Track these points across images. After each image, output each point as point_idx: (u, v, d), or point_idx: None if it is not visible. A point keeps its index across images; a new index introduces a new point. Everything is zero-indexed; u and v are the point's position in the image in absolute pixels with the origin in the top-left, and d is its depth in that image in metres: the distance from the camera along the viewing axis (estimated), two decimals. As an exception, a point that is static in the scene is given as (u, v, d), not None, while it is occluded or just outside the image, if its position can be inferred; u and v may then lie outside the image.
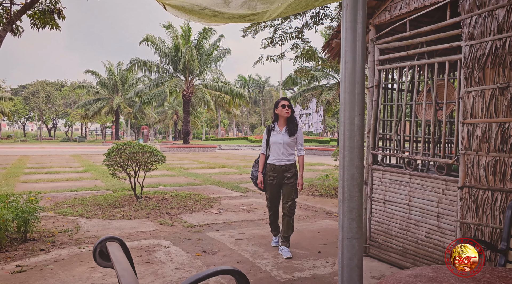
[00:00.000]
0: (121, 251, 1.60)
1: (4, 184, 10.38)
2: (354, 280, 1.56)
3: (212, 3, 2.51)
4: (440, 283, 1.80)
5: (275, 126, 4.67)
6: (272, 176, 4.56)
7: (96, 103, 41.94)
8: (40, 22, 6.74)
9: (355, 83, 1.60)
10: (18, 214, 4.85)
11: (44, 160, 18.64)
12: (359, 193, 1.59)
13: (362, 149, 1.61)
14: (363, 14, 1.63)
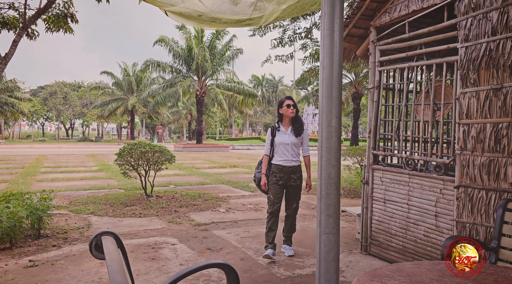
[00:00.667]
0: (114, 244, 1.73)
1: (21, 182, 10.71)
2: (331, 273, 1.66)
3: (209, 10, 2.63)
4: (418, 277, 1.88)
5: (279, 126, 4.52)
6: (279, 176, 4.41)
7: (111, 104, 42.64)
8: (54, 26, 6.97)
9: (332, 87, 1.70)
10: (32, 211, 5.06)
11: (60, 160, 19.08)
12: (336, 191, 1.69)
13: (339, 150, 1.71)
14: (340, 22, 1.73)
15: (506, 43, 3.08)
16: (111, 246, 1.66)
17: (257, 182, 4.64)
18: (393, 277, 1.86)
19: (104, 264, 4.23)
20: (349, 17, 4.61)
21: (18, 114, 44.83)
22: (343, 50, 1.76)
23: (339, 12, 1.72)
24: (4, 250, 4.67)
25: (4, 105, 43.44)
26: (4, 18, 6.35)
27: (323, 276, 1.67)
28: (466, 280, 1.82)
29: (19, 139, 56.34)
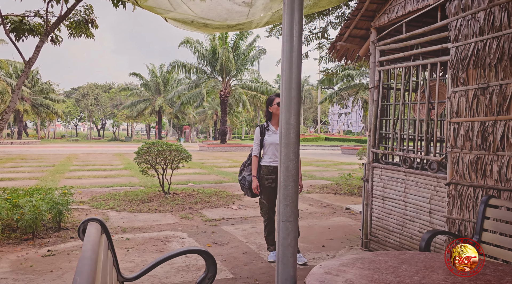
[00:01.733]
0: (97, 229, 1.95)
1: (50, 179, 11.29)
2: (287, 257, 1.83)
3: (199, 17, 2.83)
4: (377, 264, 2.02)
5: (269, 126, 4.30)
6: (271, 178, 4.22)
7: (139, 104, 43.79)
8: (76, 32, 7.36)
9: (291, 89, 1.86)
10: (53, 205, 5.42)
11: (89, 158, 19.84)
12: (293, 182, 1.85)
13: (297, 145, 1.87)
14: (298, 29, 1.89)
15: (492, 43, 3.14)
16: (92, 230, 1.88)
17: (247, 185, 4.34)
18: (353, 264, 2.01)
19: (115, 254, 4.52)
20: (349, 19, 4.72)
21: (52, 115, 46.66)
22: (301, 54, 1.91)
23: (297, 20, 1.88)
24: (26, 241, 5.04)
25: (40, 106, 45.32)
26: (30, 25, 6.77)
27: (281, 260, 1.84)
28: (421, 268, 1.94)
29: (53, 139, 58.61)
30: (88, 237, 1.76)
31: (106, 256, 1.94)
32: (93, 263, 1.48)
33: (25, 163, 17.20)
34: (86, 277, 1.28)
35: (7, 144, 38.40)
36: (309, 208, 7.36)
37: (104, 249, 1.91)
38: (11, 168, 14.82)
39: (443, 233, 2.88)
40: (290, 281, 1.82)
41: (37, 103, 45.11)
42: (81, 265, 1.39)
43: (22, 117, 46.70)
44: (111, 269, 1.90)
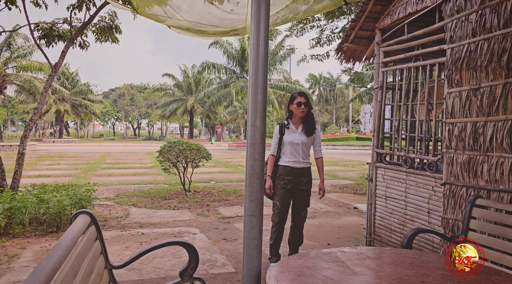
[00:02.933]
0: (86, 221, 2.17)
1: (82, 176, 11.89)
2: (251, 248, 1.98)
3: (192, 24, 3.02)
4: (344, 256, 2.14)
5: (289, 124, 4.05)
6: (287, 179, 3.95)
7: (172, 104, 44.85)
8: (102, 37, 7.77)
9: (257, 93, 2.02)
10: (76, 201, 5.79)
11: (121, 157, 20.61)
12: (258, 180, 2.00)
13: (261, 146, 2.02)
14: (265, 38, 2.04)
15: (484, 44, 3.16)
16: (80, 221, 2.10)
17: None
18: (319, 257, 2.14)
19: (129, 247, 4.81)
20: (354, 20, 4.79)
21: (90, 115, 48.56)
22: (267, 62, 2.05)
23: (263, 30, 2.03)
24: (51, 233, 5.42)
25: (79, 106, 47.27)
26: (59, 31, 7.22)
27: (246, 251, 2.00)
28: (382, 261, 2.05)
29: (92, 138, 61.00)
30: (72, 227, 1.98)
31: (92, 245, 2.17)
32: (67, 249, 1.69)
33: (62, 160, 18.10)
34: (54, 261, 1.49)
35: (49, 142, 40.34)
36: (324, 207, 7.44)
37: (90, 239, 2.13)
38: (49, 165, 15.66)
39: (426, 231, 2.94)
40: (254, 270, 1.98)
41: (76, 103, 47.06)
42: (54, 250, 1.60)
43: (63, 117, 48.86)
44: (96, 257, 2.11)
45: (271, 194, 4.01)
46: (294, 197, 4.04)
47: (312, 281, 1.81)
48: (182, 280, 2.45)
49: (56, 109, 44.93)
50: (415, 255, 2.22)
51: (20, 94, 31.86)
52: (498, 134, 3.01)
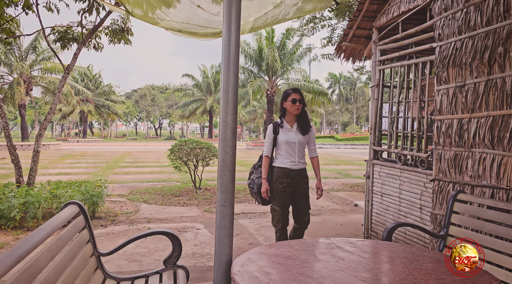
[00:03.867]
0: (73, 211, 2.34)
1: (100, 174, 12.26)
2: (222, 236, 2.12)
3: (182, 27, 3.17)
4: (309, 247, 2.25)
5: (283, 122, 3.78)
6: (286, 182, 3.68)
7: (192, 104, 45.42)
8: (115, 39, 8.04)
9: (228, 91, 2.15)
10: (87, 196, 6.05)
11: (140, 156, 21.07)
12: (228, 173, 2.13)
13: (232, 140, 2.14)
14: (236, 39, 2.16)
15: (468, 42, 3.20)
16: (67, 211, 2.28)
17: (256, 189, 3.79)
18: (291, 246, 2.25)
19: (151, 241, 5.01)
20: (351, 20, 4.86)
21: (113, 115, 49.68)
22: (238, 62, 2.18)
23: (234, 31, 2.16)
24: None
25: (101, 107, 48.43)
26: (73, 34, 7.52)
27: (217, 239, 2.13)
28: (346, 253, 2.15)
29: (115, 138, 62.31)
30: (57, 215, 2.16)
31: (79, 233, 2.34)
32: (46, 234, 1.87)
33: (83, 159, 18.65)
34: (30, 243, 1.67)
35: (74, 142, 41.46)
36: (331, 205, 7.50)
37: (77, 227, 2.31)
38: (70, 164, 16.19)
39: (405, 225, 3.00)
40: (224, 257, 2.11)
41: (99, 104, 48.21)
42: (33, 234, 1.78)
43: (86, 118, 50.13)
44: (81, 244, 2.28)
45: (267, 198, 3.72)
46: (294, 201, 3.77)
47: (276, 266, 1.92)
48: (166, 268, 2.61)
49: (80, 110, 46.16)
50: (387, 246, 2.31)
51: (45, 95, 32.91)
52: (480, 130, 3.05)
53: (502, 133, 2.85)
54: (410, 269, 1.88)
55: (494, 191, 2.91)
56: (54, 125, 71.86)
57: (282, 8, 3.45)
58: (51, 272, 1.74)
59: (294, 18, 3.61)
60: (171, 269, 2.59)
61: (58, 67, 28.06)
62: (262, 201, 3.80)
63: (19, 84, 27.05)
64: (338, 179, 11.65)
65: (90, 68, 50.49)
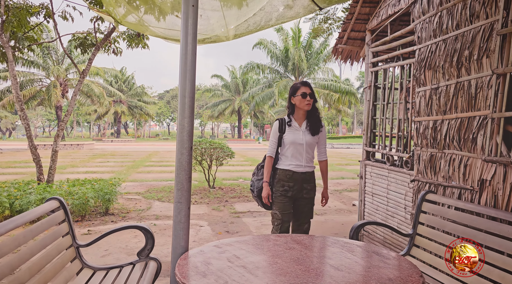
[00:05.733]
0: (51, 206, 2.60)
1: (124, 173, 12.78)
2: (178, 230, 2.31)
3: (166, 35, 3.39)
4: (259, 244, 2.41)
5: (291, 120, 3.39)
6: (288, 186, 3.32)
7: (220, 105, 46.09)
8: (132, 43, 8.42)
9: (185, 97, 2.34)
10: (101, 193, 6.42)
11: (166, 155, 21.65)
12: (184, 171, 2.32)
13: (188, 142, 2.33)
14: (192, 48, 2.35)
15: (441, 45, 3.25)
16: (45, 206, 2.54)
17: (256, 193, 3.49)
18: (238, 242, 2.42)
19: (137, 236, 5.30)
20: (344, 23, 4.94)
21: (145, 116, 51.07)
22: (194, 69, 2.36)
23: (191, 41, 2.34)
24: (76, 222, 6.06)
25: (134, 108, 49.89)
26: (92, 41, 7.94)
27: (174, 233, 2.33)
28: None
29: (148, 138, 63.98)
30: (35, 209, 2.42)
31: (56, 226, 2.60)
32: (15, 225, 2.11)
33: (112, 158, 19.40)
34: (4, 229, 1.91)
35: (108, 142, 42.97)
36: (338, 205, 7.56)
37: (55, 220, 2.56)
38: (99, 163, 16.89)
39: (372, 223, 3.09)
40: (179, 250, 2.30)
41: (132, 105, 49.69)
42: (3, 224, 2.03)
43: (120, 118, 51.79)
44: (57, 235, 2.53)
45: (269, 204, 3.37)
46: (295, 207, 3.39)
47: (221, 258, 2.10)
48: (139, 259, 2.83)
49: (114, 111, 47.77)
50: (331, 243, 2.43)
51: (80, 97, 34.30)
52: (450, 132, 3.10)
53: (467, 135, 2.90)
54: (329, 263, 2.01)
55: (461, 191, 2.95)
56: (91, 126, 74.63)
57: (263, 15, 3.60)
58: (15, 258, 1.98)
59: (278, 24, 3.76)
60: (144, 260, 2.81)
61: (91, 70, 29.20)
62: (263, 205, 3.47)
63: (55, 87, 28.38)
64: (356, 179, 11.61)
65: (124, 71, 52.07)
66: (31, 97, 29.11)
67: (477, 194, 2.77)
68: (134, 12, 3.07)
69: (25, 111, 6.45)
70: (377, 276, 1.87)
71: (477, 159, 2.79)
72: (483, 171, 2.72)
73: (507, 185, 2.48)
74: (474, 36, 2.85)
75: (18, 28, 6.47)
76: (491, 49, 2.67)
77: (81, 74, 6.62)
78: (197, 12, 2.38)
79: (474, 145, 2.82)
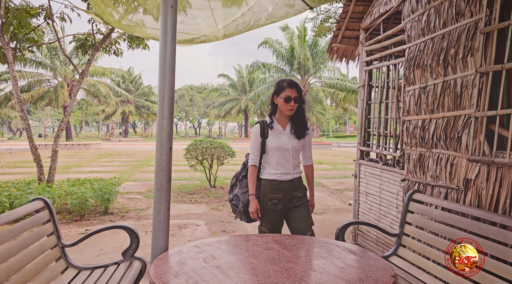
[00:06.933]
0: (35, 206, 2.62)
1: (128, 173, 12.87)
2: (157, 230, 2.32)
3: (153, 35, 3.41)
4: (236, 244, 2.41)
5: (273, 122, 3.00)
6: (276, 199, 2.93)
7: (227, 104, 46.13)
8: (133, 44, 8.47)
9: (163, 98, 2.35)
10: (100, 193, 6.47)
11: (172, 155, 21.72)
12: (163, 172, 2.33)
13: (167, 142, 2.34)
14: (171, 49, 2.36)
15: (429, 44, 3.22)
16: (28, 206, 2.57)
17: (241, 208, 3.06)
18: (219, 242, 2.43)
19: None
20: (339, 21, 4.92)
21: (152, 115, 51.34)
22: (174, 70, 2.37)
23: (170, 42, 2.35)
24: (75, 221, 6.12)
25: (141, 108, 50.17)
26: (92, 42, 8.00)
27: (153, 233, 2.34)
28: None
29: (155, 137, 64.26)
30: (19, 208, 2.44)
31: (42, 225, 2.63)
32: (5, 221, 2.14)
33: (118, 158, 19.53)
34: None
35: (116, 141, 43.28)
36: (338, 205, 7.53)
37: (38, 220, 2.59)
38: (105, 162, 17.02)
39: (358, 223, 3.07)
40: (159, 250, 2.32)
41: (139, 105, 49.98)
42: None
43: (127, 118, 52.12)
44: (40, 235, 2.56)
45: (258, 219, 2.99)
46: (289, 218, 3.01)
47: (197, 258, 2.10)
48: (124, 259, 2.85)
49: (121, 111, 48.08)
50: (313, 242, 2.43)
51: (88, 97, 34.60)
52: (437, 131, 3.07)
53: (452, 134, 2.87)
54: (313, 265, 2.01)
55: (448, 190, 2.93)
56: (100, 125, 75.21)
57: (252, 15, 3.60)
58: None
59: (267, 24, 3.75)
60: (128, 260, 2.83)
61: (98, 71, 29.44)
62: (248, 220, 3.10)
63: (62, 87, 28.65)
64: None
65: (131, 71, 52.37)
66: (39, 98, 29.41)
67: (463, 194, 2.75)
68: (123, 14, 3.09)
69: (25, 112, 6.52)
70: (349, 276, 1.87)
71: (462, 158, 2.76)
72: (468, 170, 2.70)
73: (490, 184, 2.46)
74: (459, 34, 2.83)
75: (18, 29, 6.54)
76: (475, 48, 2.64)
77: (80, 75, 6.67)
78: (176, 13, 2.39)
79: (459, 144, 2.79)
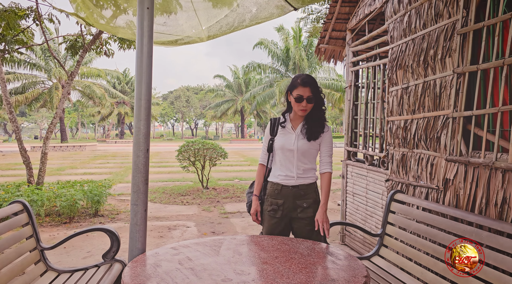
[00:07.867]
0: (12, 209, 2.61)
1: (121, 174, 12.84)
2: (134, 233, 2.32)
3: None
4: (218, 244, 2.41)
5: (285, 121, 2.74)
6: (276, 204, 2.67)
7: (223, 105, 46.14)
8: (124, 45, 8.45)
9: (140, 100, 2.34)
10: (90, 195, 6.45)
11: (167, 156, 21.71)
12: (140, 174, 2.33)
13: (144, 144, 2.34)
14: (148, 51, 2.36)
15: (411, 44, 3.23)
16: (6, 209, 2.55)
17: (247, 208, 2.92)
18: (197, 244, 2.42)
19: (123, 237, 5.32)
20: (325, 22, 4.93)
21: (148, 116, 51.23)
22: (151, 73, 2.37)
23: (146, 43, 2.35)
24: (65, 224, 6.10)
25: (137, 109, 50.10)
26: (82, 43, 7.99)
27: (130, 235, 2.34)
28: (247, 249, 2.29)
29: (152, 139, 64.19)
30: (-4, 211, 2.43)
31: (21, 228, 2.61)
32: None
33: (112, 159, 19.49)
34: None
35: (111, 143, 43.20)
36: (329, 205, 7.54)
37: (16, 223, 2.58)
38: (99, 164, 16.98)
39: (340, 224, 3.08)
40: (136, 252, 2.32)
41: (135, 106, 49.91)
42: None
43: (123, 119, 52.01)
44: (18, 238, 2.55)
45: (259, 223, 2.79)
46: (293, 231, 2.73)
47: (172, 260, 2.10)
48: (104, 262, 2.85)
49: (117, 112, 47.99)
50: (291, 243, 2.43)
51: (83, 99, 34.50)
52: (419, 131, 3.08)
53: (432, 134, 2.88)
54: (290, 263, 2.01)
55: (429, 190, 2.94)
56: (96, 127, 75.01)
57: (236, 16, 3.60)
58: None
59: (252, 25, 3.75)
60: (109, 262, 2.83)
61: (93, 72, 29.36)
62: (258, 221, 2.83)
63: (57, 89, 28.55)
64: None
65: (127, 72, 52.27)
66: (34, 99, 29.29)
67: (442, 194, 2.76)
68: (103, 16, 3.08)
69: (14, 114, 6.50)
70: (322, 276, 1.87)
71: (441, 158, 2.77)
72: (447, 171, 2.71)
73: (467, 184, 2.47)
74: (438, 35, 2.84)
75: (7, 31, 6.52)
76: (453, 49, 2.65)
77: (69, 76, 6.66)
78: (152, 15, 2.39)
79: (439, 144, 2.80)
